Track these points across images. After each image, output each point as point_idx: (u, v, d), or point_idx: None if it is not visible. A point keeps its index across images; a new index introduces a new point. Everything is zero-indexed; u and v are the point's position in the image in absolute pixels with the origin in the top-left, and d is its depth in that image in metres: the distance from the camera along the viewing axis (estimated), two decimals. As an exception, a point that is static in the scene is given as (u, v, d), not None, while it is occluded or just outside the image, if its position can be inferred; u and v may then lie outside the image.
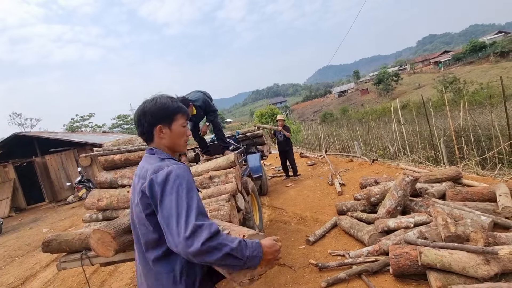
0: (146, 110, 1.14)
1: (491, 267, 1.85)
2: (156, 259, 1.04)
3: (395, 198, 3.06)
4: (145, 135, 1.18)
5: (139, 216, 1.05)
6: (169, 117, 1.16)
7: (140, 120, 1.16)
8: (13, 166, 11.53)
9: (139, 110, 1.17)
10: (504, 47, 42.88)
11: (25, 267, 4.71)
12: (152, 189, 0.99)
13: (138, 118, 1.16)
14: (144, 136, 1.18)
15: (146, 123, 1.14)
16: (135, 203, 1.07)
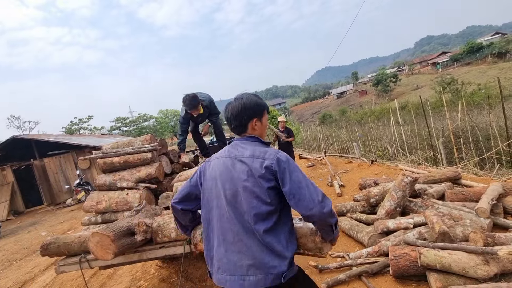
0: (247, 106, 1.35)
1: (490, 268, 1.85)
2: (266, 230, 1.17)
3: (395, 199, 3.07)
4: (241, 127, 1.37)
5: (256, 191, 1.19)
6: (261, 112, 1.39)
7: (240, 114, 1.35)
8: (12, 169, 11.48)
9: (240, 105, 1.35)
10: (501, 48, 43.14)
11: (23, 271, 4.68)
12: (280, 165, 1.20)
13: (238, 112, 1.35)
14: (239, 128, 1.38)
15: (245, 116, 1.35)
16: (255, 178, 1.20)
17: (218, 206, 1.26)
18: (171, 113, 42.57)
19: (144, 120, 39.24)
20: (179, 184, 2.98)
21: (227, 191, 1.24)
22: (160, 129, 38.91)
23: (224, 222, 1.24)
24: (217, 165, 1.32)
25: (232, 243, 1.21)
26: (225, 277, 1.21)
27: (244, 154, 1.27)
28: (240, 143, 1.35)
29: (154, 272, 3.48)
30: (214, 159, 1.37)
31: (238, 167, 1.25)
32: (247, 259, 1.17)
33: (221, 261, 1.23)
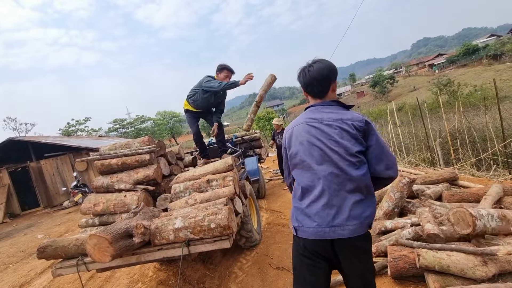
0: (333, 68, 1.40)
1: (489, 268, 1.86)
2: (360, 176, 1.29)
3: (392, 200, 3.08)
4: (324, 91, 1.42)
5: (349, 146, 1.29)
6: (336, 75, 1.44)
7: (328, 76, 1.39)
8: (8, 171, 11.39)
9: (326, 67, 1.39)
10: (496, 50, 43.57)
11: (19, 274, 4.63)
12: (368, 127, 1.33)
13: (326, 74, 1.38)
14: (323, 92, 1.42)
15: (333, 78, 1.40)
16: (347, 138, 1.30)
17: (315, 164, 1.33)
18: (169, 115, 42.46)
19: (142, 121, 39.11)
20: (178, 186, 2.98)
21: (323, 149, 1.31)
22: (158, 131, 38.79)
23: (323, 179, 1.30)
24: (301, 130, 1.38)
25: (333, 196, 1.29)
26: (325, 229, 1.28)
27: (331, 117, 1.34)
28: (324, 108, 1.40)
29: (152, 275, 3.46)
30: (295, 126, 1.43)
31: (326, 129, 1.32)
32: (345, 211, 1.27)
33: (319, 214, 1.30)
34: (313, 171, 1.33)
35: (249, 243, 3.46)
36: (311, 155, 1.33)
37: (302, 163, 1.36)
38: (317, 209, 1.29)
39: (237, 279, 2.96)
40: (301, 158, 1.36)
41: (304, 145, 1.35)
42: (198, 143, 4.30)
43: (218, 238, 2.24)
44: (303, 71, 1.44)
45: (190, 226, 2.22)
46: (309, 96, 1.49)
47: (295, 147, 1.39)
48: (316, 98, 1.45)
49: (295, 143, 1.39)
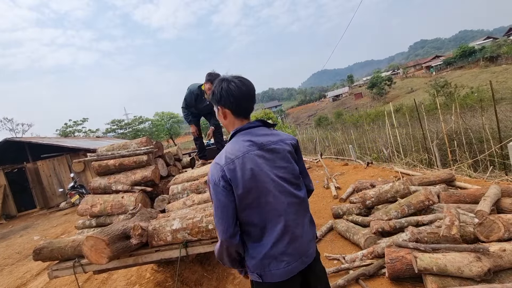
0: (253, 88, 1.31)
1: (483, 263, 1.88)
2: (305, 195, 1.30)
3: (404, 212, 2.99)
4: (252, 109, 1.32)
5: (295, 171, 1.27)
6: None
7: (254, 94, 1.30)
8: (4, 172, 11.30)
9: (252, 87, 1.28)
10: (493, 52, 43.99)
11: (15, 276, 4.59)
12: (298, 145, 1.33)
13: (253, 94, 1.29)
14: (251, 110, 1.31)
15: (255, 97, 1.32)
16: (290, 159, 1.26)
17: (272, 201, 1.18)
18: (167, 116, 42.39)
19: (139, 122, 38.99)
20: (175, 187, 2.97)
21: (276, 180, 1.18)
22: (156, 132, 38.69)
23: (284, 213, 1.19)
24: (246, 162, 1.15)
25: (295, 228, 1.20)
26: (293, 264, 1.19)
27: (270, 140, 1.23)
28: (257, 130, 1.25)
29: (149, 276, 3.44)
30: (236, 158, 1.16)
31: (270, 156, 1.20)
32: (306, 237, 1.24)
33: (287, 252, 1.18)
34: (270, 207, 1.17)
35: (247, 244, 3.45)
36: (265, 189, 1.16)
37: (256, 201, 1.16)
38: (283, 247, 1.17)
39: (235, 280, 2.95)
40: (255, 195, 1.15)
41: (255, 180, 1.15)
42: (198, 142, 4.29)
43: (216, 239, 2.23)
44: (232, 84, 1.23)
45: (188, 227, 2.21)
46: (232, 116, 1.26)
47: (244, 184, 1.13)
48: (243, 119, 1.27)
49: (243, 180, 1.13)
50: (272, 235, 1.17)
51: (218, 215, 1.16)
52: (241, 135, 1.23)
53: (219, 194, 1.15)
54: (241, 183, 1.13)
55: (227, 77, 1.26)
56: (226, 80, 1.25)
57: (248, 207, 1.16)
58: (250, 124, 1.26)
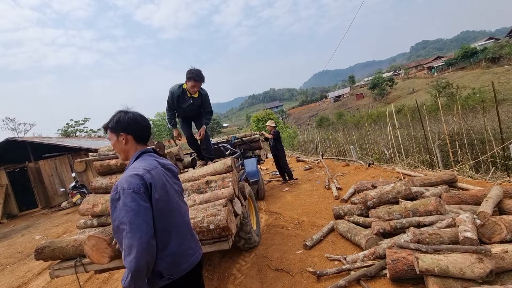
0: None
1: (485, 265, 1.87)
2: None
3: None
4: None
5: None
6: None
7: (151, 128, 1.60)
8: (6, 171, 11.34)
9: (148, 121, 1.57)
10: (494, 53, 43.81)
11: (16, 275, 4.60)
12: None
13: (150, 126, 1.56)
14: (148, 139, 1.56)
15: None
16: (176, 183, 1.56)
17: (177, 207, 1.45)
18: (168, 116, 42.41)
19: (141, 122, 39.04)
20: (177, 187, 2.97)
21: (178, 193, 1.51)
22: (157, 132, 38.74)
23: (183, 217, 1.49)
24: (159, 174, 1.40)
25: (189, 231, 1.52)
26: (197, 254, 1.48)
27: (166, 162, 1.53)
28: (153, 154, 1.52)
29: (150, 276, 3.44)
30: (151, 170, 1.38)
31: (169, 174, 1.50)
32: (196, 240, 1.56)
33: (190, 245, 1.46)
34: (175, 212, 1.43)
35: (248, 245, 3.45)
36: (171, 197, 1.42)
37: (167, 207, 1.37)
38: (188, 243, 1.44)
39: (236, 281, 2.95)
40: (166, 202, 1.37)
41: (165, 189, 1.39)
42: (193, 146, 4.25)
43: (217, 240, 2.23)
44: (136, 115, 1.47)
45: (189, 228, 2.21)
46: (134, 142, 1.47)
47: (159, 191, 1.35)
48: (143, 145, 1.51)
49: (158, 188, 1.35)
50: (178, 236, 1.41)
51: (139, 220, 1.24)
52: (147, 156, 1.46)
53: (140, 200, 1.27)
54: (157, 190, 1.34)
55: (127, 110, 1.49)
56: (128, 112, 1.48)
57: (160, 213, 1.34)
58: (149, 149, 1.51)
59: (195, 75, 3.42)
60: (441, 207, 2.83)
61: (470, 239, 2.12)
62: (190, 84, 3.48)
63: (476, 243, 2.11)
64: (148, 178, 1.32)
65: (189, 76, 3.44)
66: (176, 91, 3.62)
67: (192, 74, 3.42)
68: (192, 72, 3.42)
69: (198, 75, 3.43)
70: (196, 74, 3.42)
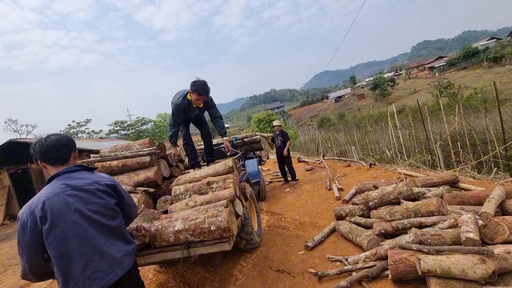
0: (71, 139, 1.64)
1: (488, 265, 1.86)
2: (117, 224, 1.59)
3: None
4: (65, 157, 1.55)
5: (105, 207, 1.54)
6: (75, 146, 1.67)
7: (68, 144, 1.58)
8: (8, 173, 11.40)
9: (64, 137, 1.60)
10: (496, 52, 43.66)
11: (18, 276, 4.62)
12: (115, 185, 1.64)
13: (66, 142, 1.57)
14: (63, 157, 1.54)
15: (72, 147, 1.60)
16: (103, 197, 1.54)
17: (80, 232, 1.42)
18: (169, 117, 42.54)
19: (142, 123, 39.19)
20: (178, 188, 2.97)
21: (87, 214, 1.44)
22: (159, 133, 38.84)
23: (89, 241, 1.43)
24: (58, 202, 1.40)
25: (109, 247, 1.50)
26: (110, 276, 1.45)
27: (85, 182, 1.50)
28: (74, 175, 1.52)
29: (152, 277, 3.45)
30: (50, 197, 1.41)
31: (87, 192, 1.48)
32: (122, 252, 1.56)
33: (101, 267, 1.43)
34: (78, 238, 1.40)
35: (250, 246, 3.45)
36: (73, 223, 1.40)
37: (64, 235, 1.38)
38: (95, 267, 1.42)
39: (237, 282, 2.95)
40: (63, 229, 1.38)
41: (63, 217, 1.39)
42: (189, 147, 3.96)
43: (218, 241, 2.23)
44: (39, 142, 1.53)
45: (190, 229, 2.21)
46: (50, 166, 1.52)
47: (51, 220, 1.37)
48: (59, 166, 1.53)
49: (51, 217, 1.37)
50: (81, 260, 1.39)
51: (21, 249, 1.42)
52: (57, 180, 1.48)
53: (24, 233, 1.39)
54: (48, 221, 1.36)
55: (40, 138, 1.57)
56: (38, 141, 1.54)
57: (56, 240, 1.37)
58: (68, 169, 1.52)
59: (200, 88, 3.25)
60: (443, 207, 2.82)
61: (472, 240, 2.11)
62: (194, 96, 3.32)
63: (479, 244, 2.10)
64: (38, 211, 1.37)
65: (194, 89, 3.27)
66: (182, 103, 3.42)
67: (197, 87, 3.24)
68: (196, 85, 3.24)
69: (203, 88, 3.26)
70: (201, 88, 3.25)
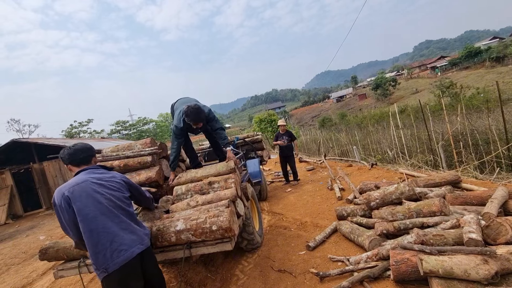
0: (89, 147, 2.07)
1: (490, 266, 1.85)
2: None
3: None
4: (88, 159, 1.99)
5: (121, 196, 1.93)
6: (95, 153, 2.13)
7: (90, 149, 2.05)
8: (11, 172, 11.45)
9: (85, 145, 2.04)
10: (499, 52, 43.43)
11: (21, 275, 4.64)
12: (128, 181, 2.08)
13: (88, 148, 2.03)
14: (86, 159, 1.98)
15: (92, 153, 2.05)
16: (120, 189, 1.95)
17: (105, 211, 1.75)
18: (171, 117, 42.60)
19: (144, 123, 39.27)
20: (179, 187, 2.98)
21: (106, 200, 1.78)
22: (160, 133, 38.92)
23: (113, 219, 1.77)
24: (82, 189, 1.75)
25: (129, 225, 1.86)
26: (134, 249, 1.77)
27: (104, 177, 1.89)
28: (97, 169, 1.95)
29: (153, 277, 3.45)
30: (76, 184, 1.78)
31: (106, 183, 1.86)
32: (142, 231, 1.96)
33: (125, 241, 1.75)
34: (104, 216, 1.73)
35: (251, 246, 3.45)
36: (99, 204, 1.74)
37: (93, 212, 1.70)
38: (120, 240, 1.73)
39: (239, 281, 2.95)
40: (92, 209, 1.71)
41: (89, 198, 1.73)
42: (188, 151, 3.86)
43: (219, 241, 2.23)
44: (67, 148, 1.95)
45: (191, 228, 2.22)
46: (74, 167, 1.93)
47: (81, 201, 1.71)
48: (83, 165, 1.94)
49: (80, 199, 1.71)
50: (109, 235, 1.69)
51: (65, 225, 1.75)
52: (82, 173, 1.87)
53: (62, 212, 1.72)
54: (78, 201, 1.70)
55: (68, 146, 1.98)
56: (66, 147, 1.96)
57: (85, 217, 1.68)
58: (91, 167, 1.94)
59: (191, 119, 3.05)
60: (445, 208, 2.80)
61: (475, 240, 2.10)
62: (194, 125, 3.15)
63: (481, 245, 2.09)
64: (69, 193, 1.72)
65: (188, 121, 3.08)
66: (182, 127, 3.24)
67: (189, 118, 3.04)
68: (188, 116, 3.03)
69: (195, 118, 3.05)
70: (192, 118, 3.04)
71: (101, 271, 1.67)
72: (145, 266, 1.84)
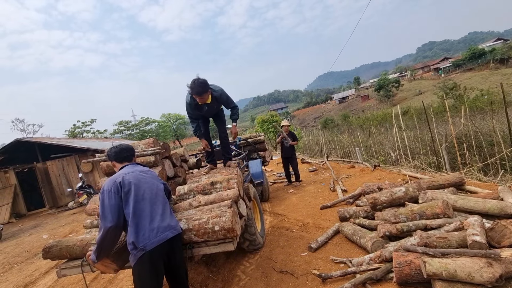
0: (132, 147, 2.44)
1: (494, 269, 1.83)
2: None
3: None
4: (131, 157, 2.31)
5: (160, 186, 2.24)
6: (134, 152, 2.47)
7: (133, 149, 2.39)
8: (14, 171, 11.54)
9: (125, 147, 2.33)
10: (503, 54, 43.11)
11: (24, 274, 4.67)
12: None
13: (128, 148, 2.33)
14: (131, 157, 2.30)
15: (134, 153, 2.39)
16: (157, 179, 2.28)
17: (147, 197, 2.01)
18: (173, 117, 42.73)
19: (146, 123, 39.41)
20: (182, 188, 2.99)
21: (149, 187, 2.07)
22: (163, 133, 39.02)
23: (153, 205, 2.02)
24: (132, 177, 2.03)
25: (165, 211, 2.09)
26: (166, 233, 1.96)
27: (143, 170, 2.21)
28: (136, 165, 2.25)
29: (155, 277, 3.45)
30: (126, 174, 2.05)
31: (147, 175, 2.17)
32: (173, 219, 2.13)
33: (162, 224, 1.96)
34: (149, 200, 2.00)
35: (253, 246, 3.44)
36: (143, 191, 2.01)
37: (142, 196, 1.97)
38: (157, 223, 1.94)
39: (240, 282, 2.95)
40: (140, 193, 1.98)
41: (137, 186, 1.99)
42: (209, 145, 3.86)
43: (222, 241, 2.23)
44: (114, 147, 2.24)
45: (194, 229, 2.22)
46: (117, 163, 2.22)
47: (129, 187, 1.96)
48: (126, 162, 2.22)
49: (129, 185, 1.96)
50: (149, 217, 1.93)
51: (107, 209, 1.85)
52: (127, 167, 2.16)
53: (111, 197, 1.89)
54: (127, 187, 1.95)
55: (111, 146, 2.28)
56: (113, 147, 2.25)
57: (132, 201, 1.91)
58: (133, 163, 2.26)
59: (195, 91, 3.11)
60: (448, 210, 2.78)
61: (479, 243, 2.08)
62: (198, 99, 3.23)
63: (485, 247, 2.07)
64: (120, 181, 1.96)
65: (191, 92, 3.19)
66: (190, 102, 3.36)
67: (192, 90, 3.12)
68: (192, 88, 3.11)
69: (198, 90, 3.10)
70: (196, 91, 3.10)
71: (138, 250, 1.82)
72: (173, 255, 1.99)
